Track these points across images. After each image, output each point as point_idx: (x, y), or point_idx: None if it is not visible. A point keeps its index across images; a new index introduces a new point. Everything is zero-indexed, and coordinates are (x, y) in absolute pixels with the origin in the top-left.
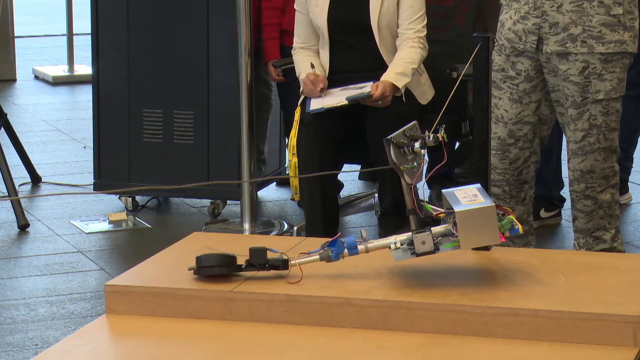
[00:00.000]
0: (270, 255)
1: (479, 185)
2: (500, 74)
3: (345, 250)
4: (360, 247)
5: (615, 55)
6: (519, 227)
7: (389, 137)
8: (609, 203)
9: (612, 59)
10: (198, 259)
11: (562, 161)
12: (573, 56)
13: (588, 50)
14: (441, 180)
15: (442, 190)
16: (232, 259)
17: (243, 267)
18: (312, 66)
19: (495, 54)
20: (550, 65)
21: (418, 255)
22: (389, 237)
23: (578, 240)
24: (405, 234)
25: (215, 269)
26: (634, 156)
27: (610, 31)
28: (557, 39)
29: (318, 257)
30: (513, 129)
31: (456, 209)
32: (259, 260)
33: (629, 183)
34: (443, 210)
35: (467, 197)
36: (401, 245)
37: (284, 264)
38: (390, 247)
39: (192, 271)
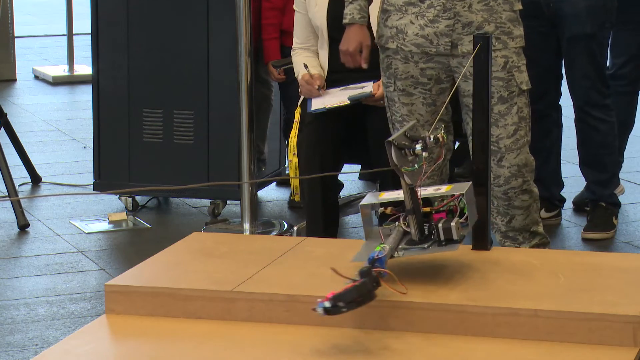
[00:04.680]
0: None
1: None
2: (410, 81)
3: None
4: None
5: (521, 49)
6: None
7: (389, 139)
8: (538, 195)
9: (520, 52)
10: (337, 298)
11: (562, 161)
12: (492, 53)
13: (502, 46)
14: None
15: (369, 204)
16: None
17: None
18: (306, 66)
19: (399, 63)
20: (462, 70)
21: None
22: (389, 249)
23: (514, 239)
24: (392, 239)
25: (350, 304)
26: (633, 156)
27: (514, 27)
28: (472, 38)
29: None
30: (431, 130)
31: (462, 191)
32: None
33: (628, 182)
34: (447, 201)
35: (427, 190)
36: (406, 246)
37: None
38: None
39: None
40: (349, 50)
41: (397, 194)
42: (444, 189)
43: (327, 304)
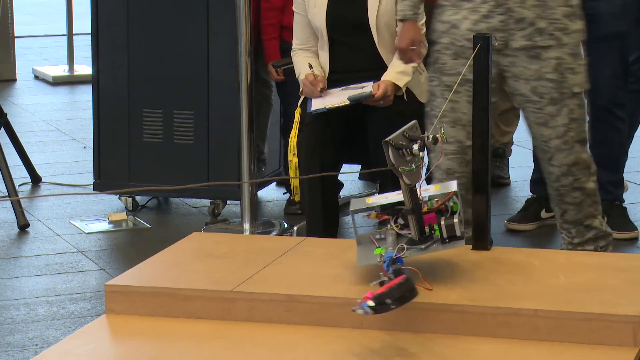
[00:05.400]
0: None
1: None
2: (456, 78)
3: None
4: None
5: (578, 45)
6: None
7: (387, 139)
8: (594, 191)
9: (577, 51)
10: (383, 295)
11: None
12: (544, 54)
13: (556, 42)
14: None
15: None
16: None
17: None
18: (310, 66)
19: (448, 58)
20: (514, 69)
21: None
22: (396, 249)
23: (568, 232)
24: (390, 242)
25: (397, 302)
26: (634, 156)
27: (570, 22)
28: (524, 33)
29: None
30: (470, 131)
31: (453, 189)
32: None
33: (628, 181)
34: (443, 200)
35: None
36: (407, 246)
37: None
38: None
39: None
40: (401, 47)
41: (385, 197)
42: (432, 188)
43: (372, 303)
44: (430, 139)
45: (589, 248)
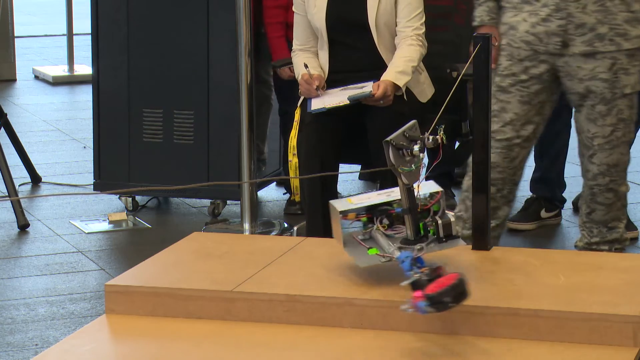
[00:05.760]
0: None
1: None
2: (510, 79)
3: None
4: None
5: (637, 50)
6: None
7: (388, 138)
8: (625, 195)
9: (635, 53)
10: (441, 294)
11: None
12: (601, 54)
13: (616, 48)
14: (442, 180)
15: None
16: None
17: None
18: (306, 66)
19: (503, 59)
20: (567, 69)
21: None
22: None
23: (590, 230)
24: (383, 242)
25: (455, 300)
26: (634, 155)
27: (632, 27)
28: (584, 39)
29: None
30: (520, 129)
31: (437, 189)
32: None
33: (628, 181)
34: (434, 201)
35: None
36: (402, 246)
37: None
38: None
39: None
40: None
41: (368, 197)
42: (416, 188)
43: (427, 302)
44: (430, 140)
45: (604, 248)
